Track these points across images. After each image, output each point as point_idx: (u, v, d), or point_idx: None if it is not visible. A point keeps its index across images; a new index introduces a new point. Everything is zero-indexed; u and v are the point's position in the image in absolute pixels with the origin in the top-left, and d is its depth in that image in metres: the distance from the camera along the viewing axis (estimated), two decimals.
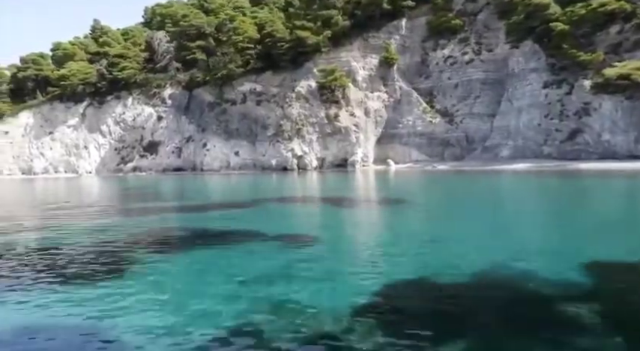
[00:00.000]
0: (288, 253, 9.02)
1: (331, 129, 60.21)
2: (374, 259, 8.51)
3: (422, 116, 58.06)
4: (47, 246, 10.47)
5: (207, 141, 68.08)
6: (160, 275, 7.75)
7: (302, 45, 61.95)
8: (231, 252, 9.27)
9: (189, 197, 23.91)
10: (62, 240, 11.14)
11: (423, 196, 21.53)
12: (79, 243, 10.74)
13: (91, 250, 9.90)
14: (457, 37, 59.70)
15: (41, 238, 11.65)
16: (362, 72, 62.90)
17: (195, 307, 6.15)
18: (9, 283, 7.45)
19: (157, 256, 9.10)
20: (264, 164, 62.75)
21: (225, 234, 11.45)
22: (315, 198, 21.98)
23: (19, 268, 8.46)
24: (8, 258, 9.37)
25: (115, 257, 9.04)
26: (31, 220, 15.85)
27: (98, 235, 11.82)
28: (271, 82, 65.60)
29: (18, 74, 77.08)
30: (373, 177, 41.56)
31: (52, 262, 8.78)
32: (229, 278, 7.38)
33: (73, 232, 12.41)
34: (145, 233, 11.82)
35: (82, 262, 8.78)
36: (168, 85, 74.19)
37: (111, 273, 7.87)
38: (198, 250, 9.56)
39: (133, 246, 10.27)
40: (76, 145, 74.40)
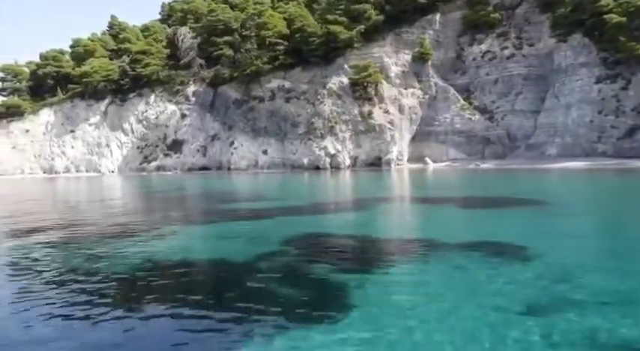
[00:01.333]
0: (525, 271, 7.23)
1: (365, 127, 58.41)
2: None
3: (460, 113, 56.22)
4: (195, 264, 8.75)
5: (234, 139, 66.36)
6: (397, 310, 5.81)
7: (334, 40, 60.19)
8: (451, 270, 7.42)
9: (277, 197, 21.72)
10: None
11: (549, 197, 18.64)
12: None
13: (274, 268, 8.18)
14: (495, 32, 57.87)
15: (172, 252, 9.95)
16: (395, 68, 61.08)
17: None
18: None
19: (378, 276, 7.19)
20: (295, 163, 61.01)
21: (408, 244, 9.63)
22: (419, 198, 19.50)
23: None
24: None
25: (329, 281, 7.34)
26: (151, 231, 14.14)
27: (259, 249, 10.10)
28: (300, 78, 63.84)
29: (38, 71, 75.48)
30: (422, 176, 39.72)
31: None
32: (500, 309, 5.48)
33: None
34: (316, 245, 9.84)
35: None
36: (192, 82, 72.54)
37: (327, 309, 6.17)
38: (411, 267, 7.75)
39: (322, 258, 8.54)
40: (98, 143, 72.79)
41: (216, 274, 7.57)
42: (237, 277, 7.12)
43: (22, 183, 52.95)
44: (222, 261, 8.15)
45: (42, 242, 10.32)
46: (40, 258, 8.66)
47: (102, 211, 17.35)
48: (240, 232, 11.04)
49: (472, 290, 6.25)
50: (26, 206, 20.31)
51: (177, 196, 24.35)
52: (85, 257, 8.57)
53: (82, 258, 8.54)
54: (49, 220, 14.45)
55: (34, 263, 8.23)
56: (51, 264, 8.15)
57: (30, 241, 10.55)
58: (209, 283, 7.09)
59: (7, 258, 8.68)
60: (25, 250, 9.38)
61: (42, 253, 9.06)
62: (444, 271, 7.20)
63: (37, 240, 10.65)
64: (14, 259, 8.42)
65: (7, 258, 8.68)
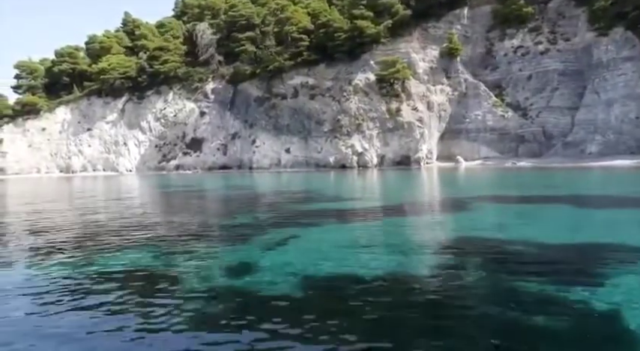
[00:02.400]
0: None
1: (393, 124, 56.89)
2: None
3: (492, 110, 54.65)
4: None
5: (255, 137, 64.87)
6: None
7: (360, 36, 58.69)
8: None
9: (354, 197, 19.65)
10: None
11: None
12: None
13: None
14: (527, 27, 56.30)
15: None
16: (422, 64, 59.56)
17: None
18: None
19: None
20: (320, 162, 59.52)
21: (597, 250, 8.09)
22: (513, 197, 17.54)
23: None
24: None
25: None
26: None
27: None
28: (324, 75, 62.32)
29: (53, 68, 74.08)
30: (463, 175, 38.12)
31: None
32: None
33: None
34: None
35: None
36: (211, 79, 71.15)
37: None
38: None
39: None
40: (115, 141, 71.39)
41: (403, 293, 6.01)
42: (450, 299, 5.56)
43: (41, 182, 51.54)
44: (400, 277, 6.62)
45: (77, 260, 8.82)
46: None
47: (196, 218, 15.84)
48: (368, 238, 9.53)
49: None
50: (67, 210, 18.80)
51: (241, 196, 22.63)
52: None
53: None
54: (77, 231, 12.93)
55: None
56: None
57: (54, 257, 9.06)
58: (399, 302, 5.53)
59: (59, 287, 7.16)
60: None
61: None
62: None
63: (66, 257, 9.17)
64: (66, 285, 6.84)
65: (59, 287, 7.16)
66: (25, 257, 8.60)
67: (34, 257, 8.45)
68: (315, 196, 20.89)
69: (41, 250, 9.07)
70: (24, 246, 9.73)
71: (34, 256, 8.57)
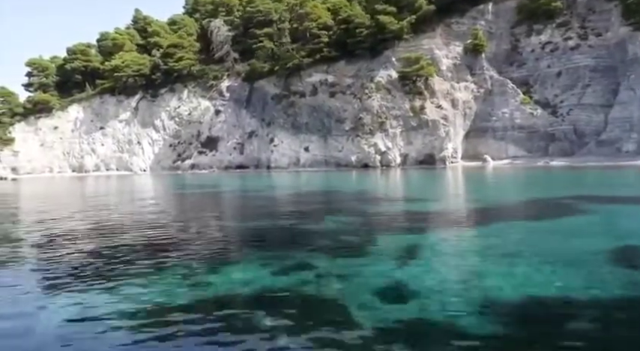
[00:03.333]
0: None
1: (416, 122, 55.31)
2: None
3: (520, 108, 53.03)
4: None
5: (273, 136, 63.36)
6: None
7: (382, 31, 57.14)
8: None
9: (419, 197, 18.23)
10: None
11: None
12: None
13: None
14: (555, 22, 54.63)
15: None
16: (445, 61, 57.96)
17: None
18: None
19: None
20: (341, 161, 57.98)
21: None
22: (592, 197, 16.31)
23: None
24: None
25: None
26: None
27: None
28: (345, 72, 60.82)
29: (65, 66, 72.68)
30: (497, 174, 36.53)
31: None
32: None
33: None
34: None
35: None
36: (226, 77, 69.73)
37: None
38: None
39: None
40: (129, 140, 69.98)
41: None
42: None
43: (56, 183, 50.13)
44: (601, 297, 5.15)
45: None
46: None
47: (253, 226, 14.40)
48: (503, 245, 8.02)
49: None
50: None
51: (296, 197, 21.03)
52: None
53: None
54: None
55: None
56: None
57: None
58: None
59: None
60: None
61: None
62: None
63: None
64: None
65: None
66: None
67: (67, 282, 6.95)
68: (379, 197, 19.38)
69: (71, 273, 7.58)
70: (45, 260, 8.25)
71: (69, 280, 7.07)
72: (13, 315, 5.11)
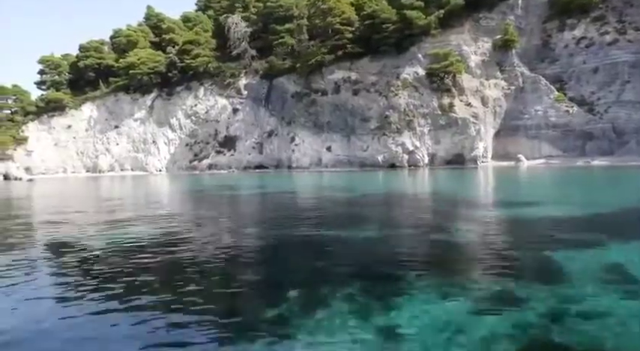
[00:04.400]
0: None
1: (445, 121, 53.43)
2: None
3: (554, 105, 51.07)
4: None
5: (294, 135, 61.53)
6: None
7: (409, 27, 55.28)
8: None
9: (525, 201, 16.12)
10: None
11: None
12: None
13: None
14: (590, 16, 52.63)
15: None
16: (474, 57, 56.09)
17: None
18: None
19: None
20: (366, 161, 56.10)
21: None
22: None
23: None
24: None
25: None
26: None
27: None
28: (369, 69, 58.93)
29: (78, 63, 70.90)
30: (543, 175, 34.57)
31: None
32: None
33: None
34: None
35: None
36: (243, 75, 67.92)
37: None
38: None
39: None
40: (144, 140, 68.21)
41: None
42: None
43: (74, 183, 48.38)
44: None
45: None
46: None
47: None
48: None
49: None
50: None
51: (363, 200, 19.17)
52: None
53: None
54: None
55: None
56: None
57: None
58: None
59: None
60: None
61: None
62: None
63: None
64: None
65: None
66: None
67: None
68: (468, 200, 17.46)
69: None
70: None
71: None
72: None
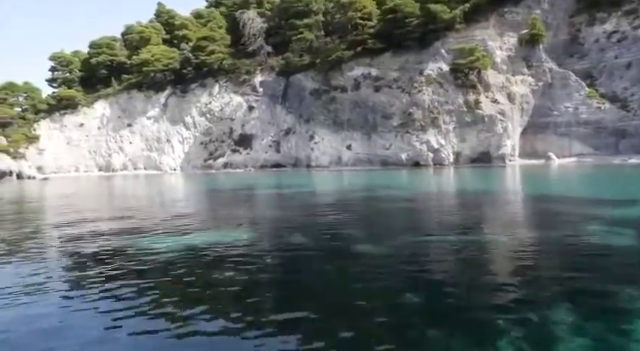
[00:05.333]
0: None
1: (471, 118, 51.81)
2: None
3: (586, 102, 49.42)
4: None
5: (313, 133, 59.95)
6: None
7: (433, 21, 53.68)
8: None
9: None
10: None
11: None
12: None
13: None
14: (621, 10, 50.95)
15: None
16: (500, 52, 54.46)
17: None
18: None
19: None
20: (388, 159, 54.47)
21: None
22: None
23: None
24: None
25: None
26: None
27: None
28: (390, 65, 57.29)
29: (90, 60, 69.40)
30: (583, 173, 32.93)
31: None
32: None
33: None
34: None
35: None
36: (259, 71, 66.32)
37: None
38: None
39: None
40: (158, 138, 66.69)
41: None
42: None
43: (91, 182, 46.94)
44: None
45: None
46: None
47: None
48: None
49: None
50: None
51: (436, 204, 17.59)
52: None
53: None
54: None
55: None
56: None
57: None
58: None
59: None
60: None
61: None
62: None
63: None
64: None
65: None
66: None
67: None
68: (558, 199, 15.89)
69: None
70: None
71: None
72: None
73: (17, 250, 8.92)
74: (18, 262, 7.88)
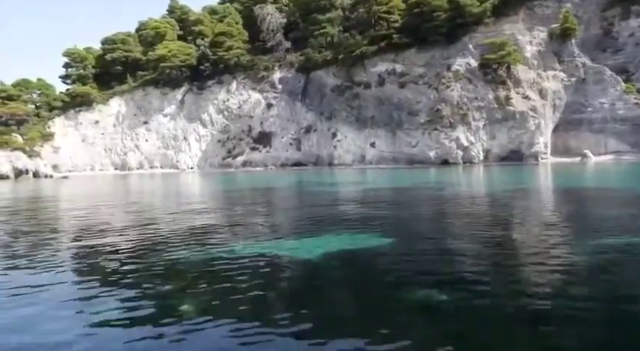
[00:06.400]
0: None
1: (502, 114, 50.23)
2: None
3: (622, 97, 47.85)
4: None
5: (336, 131, 58.43)
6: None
7: (462, 15, 52.14)
8: None
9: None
10: None
11: None
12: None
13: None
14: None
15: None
16: (529, 47, 52.87)
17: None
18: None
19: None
20: (414, 157, 52.87)
21: None
22: None
23: None
24: None
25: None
26: None
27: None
28: (415, 60, 55.72)
29: (105, 56, 67.91)
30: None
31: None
32: None
33: None
34: None
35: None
36: (277, 68, 64.79)
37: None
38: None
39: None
40: (174, 136, 65.22)
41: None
42: None
43: (115, 181, 45.43)
44: None
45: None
46: None
47: None
48: None
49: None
50: None
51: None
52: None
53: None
54: None
55: None
56: None
57: None
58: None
59: None
60: None
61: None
62: None
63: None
64: None
65: None
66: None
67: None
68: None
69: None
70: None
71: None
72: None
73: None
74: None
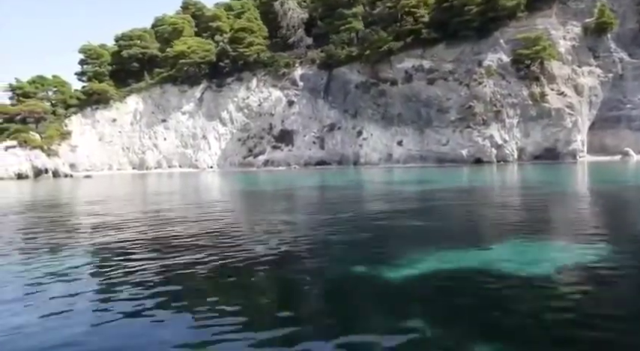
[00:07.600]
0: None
1: (536, 112, 48.63)
2: None
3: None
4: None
5: (361, 129, 56.88)
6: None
7: (494, 9, 50.53)
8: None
9: None
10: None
11: None
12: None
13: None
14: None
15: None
16: (563, 42, 51.27)
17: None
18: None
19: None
20: (444, 156, 51.29)
21: None
22: None
23: None
24: None
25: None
26: None
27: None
28: (444, 56, 54.13)
29: (121, 53, 66.37)
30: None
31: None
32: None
33: None
34: None
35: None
36: (299, 64, 63.26)
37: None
38: None
39: None
40: (193, 134, 63.72)
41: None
42: None
43: (139, 181, 43.91)
44: None
45: None
46: None
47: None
48: None
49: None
50: None
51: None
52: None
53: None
54: None
55: None
56: None
57: None
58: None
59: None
60: None
61: None
62: None
63: None
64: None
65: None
66: None
67: None
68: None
69: None
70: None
71: None
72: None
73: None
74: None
